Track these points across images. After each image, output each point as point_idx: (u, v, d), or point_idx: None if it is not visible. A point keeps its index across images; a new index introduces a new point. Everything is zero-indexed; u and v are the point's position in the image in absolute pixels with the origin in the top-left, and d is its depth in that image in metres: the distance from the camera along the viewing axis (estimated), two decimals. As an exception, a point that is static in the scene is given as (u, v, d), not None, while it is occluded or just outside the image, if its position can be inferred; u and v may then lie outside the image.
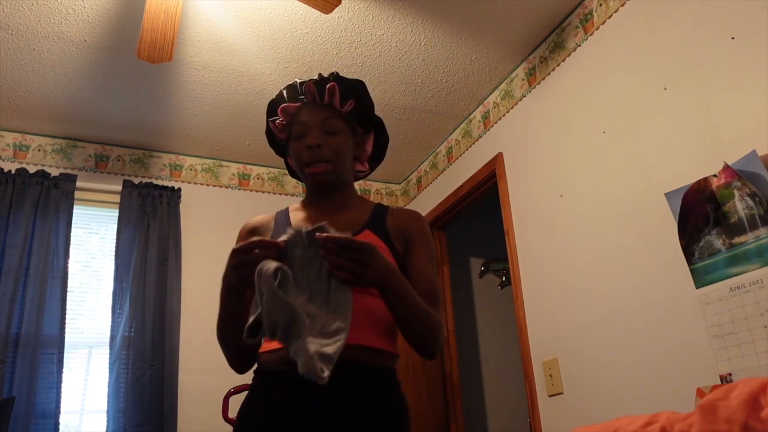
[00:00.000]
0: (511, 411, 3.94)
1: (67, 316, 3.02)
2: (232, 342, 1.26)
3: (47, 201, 3.16)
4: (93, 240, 3.43)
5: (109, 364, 3.01)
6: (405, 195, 4.19)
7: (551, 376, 2.59)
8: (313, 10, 2.50)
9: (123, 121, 3.35)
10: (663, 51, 2.24)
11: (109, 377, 2.99)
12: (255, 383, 1.28)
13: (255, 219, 1.44)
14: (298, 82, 1.43)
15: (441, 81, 3.15)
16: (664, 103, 2.20)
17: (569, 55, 2.73)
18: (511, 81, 3.12)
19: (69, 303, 3.06)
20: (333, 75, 1.40)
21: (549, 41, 2.86)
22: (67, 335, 2.99)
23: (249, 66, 2.96)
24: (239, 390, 2.66)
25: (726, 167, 1.89)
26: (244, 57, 2.89)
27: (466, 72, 3.09)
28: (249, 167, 3.86)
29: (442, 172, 3.73)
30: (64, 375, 2.91)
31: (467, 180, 3.42)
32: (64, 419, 2.86)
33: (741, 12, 1.95)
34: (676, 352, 2.03)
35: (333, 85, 1.37)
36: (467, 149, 3.47)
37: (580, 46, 2.67)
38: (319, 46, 2.85)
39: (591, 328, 2.42)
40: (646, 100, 2.28)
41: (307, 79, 1.41)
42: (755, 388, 0.61)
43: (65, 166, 3.39)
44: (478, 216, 4.03)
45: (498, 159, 3.15)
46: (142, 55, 2.47)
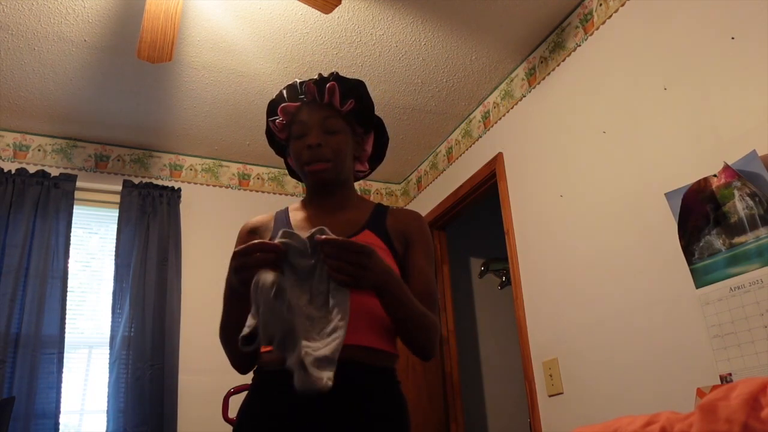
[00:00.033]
0: (511, 411, 3.94)
1: (67, 316, 3.02)
2: (234, 343, 1.26)
3: (47, 201, 3.16)
4: (93, 240, 3.43)
5: (109, 364, 3.01)
6: (405, 195, 4.19)
7: (551, 376, 2.59)
8: (313, 10, 2.50)
9: (123, 121, 3.35)
10: (663, 51, 2.24)
11: (109, 377, 2.99)
12: (255, 383, 1.28)
13: (255, 219, 1.44)
14: (298, 81, 1.42)
15: (441, 81, 3.15)
16: (664, 103, 2.20)
17: (569, 55, 2.73)
18: (511, 81, 3.12)
19: (69, 303, 3.06)
20: (333, 75, 1.40)
21: (549, 41, 2.86)
22: (67, 335, 2.99)
23: (249, 66, 2.96)
24: (239, 390, 2.66)
25: (726, 167, 1.89)
26: (244, 57, 2.89)
27: (466, 72, 3.09)
28: (249, 167, 3.86)
29: (442, 172, 3.73)
30: (64, 375, 2.91)
31: (467, 180, 3.42)
32: (64, 419, 2.86)
33: (741, 12, 1.95)
34: (676, 352, 2.03)
35: (333, 85, 1.37)
36: (467, 149, 3.47)
37: (580, 46, 2.67)
38: (319, 46, 2.85)
39: (591, 328, 2.43)
40: (646, 100, 2.28)
41: (307, 79, 1.41)
42: (755, 388, 0.61)
43: (65, 166, 3.39)
44: (478, 216, 4.03)
45: (498, 159, 3.15)
46: (142, 55, 2.47)
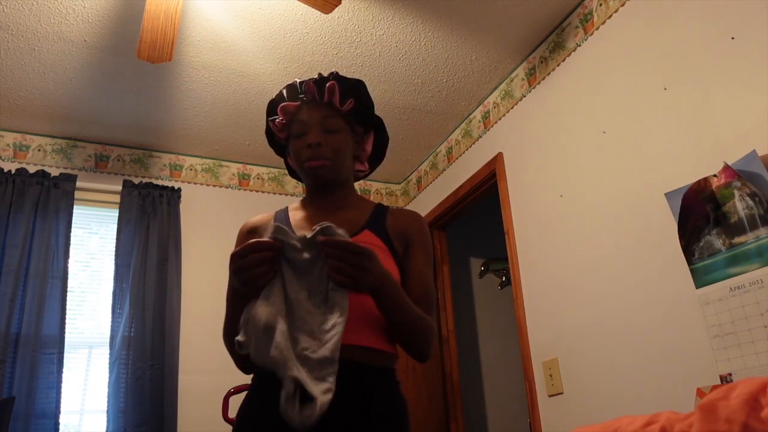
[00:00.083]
0: (511, 411, 3.94)
1: (67, 316, 3.02)
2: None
3: (47, 201, 3.16)
4: (93, 240, 3.43)
5: (109, 364, 3.01)
6: (405, 195, 4.19)
7: (551, 376, 2.59)
8: (313, 10, 2.50)
9: (123, 121, 3.35)
10: (663, 51, 2.24)
11: (109, 377, 2.99)
12: (255, 383, 1.28)
13: (254, 219, 1.44)
14: (297, 81, 1.42)
15: (441, 81, 3.15)
16: (664, 103, 2.20)
17: (569, 55, 2.73)
18: (511, 81, 3.12)
19: (69, 303, 3.06)
20: (333, 74, 1.40)
21: (549, 41, 2.86)
22: (67, 335, 2.99)
23: (249, 66, 2.96)
24: (239, 390, 2.66)
25: (726, 167, 1.89)
26: (244, 57, 2.89)
27: (466, 72, 3.09)
28: (249, 167, 3.86)
29: (442, 172, 3.73)
30: (64, 375, 2.91)
31: (467, 180, 3.42)
32: (64, 419, 2.86)
33: (741, 12, 1.95)
34: (676, 352, 2.03)
35: (333, 84, 1.37)
36: (467, 149, 3.47)
37: (580, 46, 2.67)
38: (319, 46, 2.85)
39: (591, 328, 2.42)
40: (646, 100, 2.28)
41: (307, 79, 1.41)
42: (755, 388, 0.61)
43: (65, 166, 3.39)
44: (478, 216, 4.03)
45: (498, 159, 3.15)
46: (142, 55, 2.47)
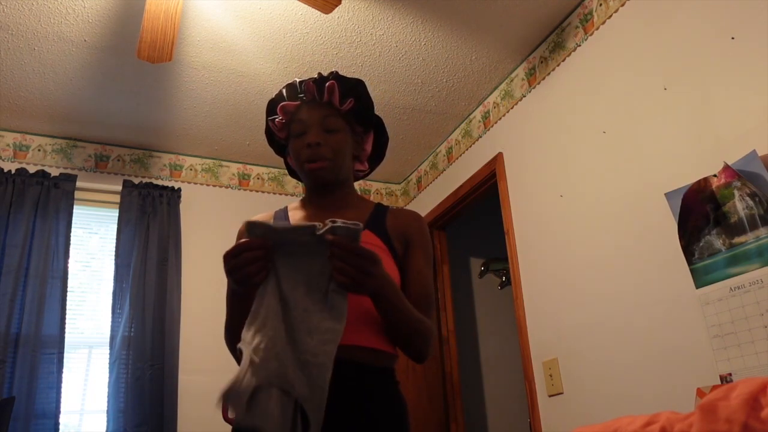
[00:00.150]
0: (511, 411, 3.94)
1: (67, 316, 3.02)
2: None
3: (47, 201, 3.16)
4: (93, 240, 3.43)
5: (109, 364, 3.01)
6: (405, 195, 4.19)
7: (551, 376, 2.59)
8: (313, 10, 2.50)
9: (123, 121, 3.35)
10: (663, 51, 2.24)
11: (109, 377, 2.99)
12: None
13: (254, 219, 1.43)
14: (297, 81, 1.42)
15: (441, 81, 3.15)
16: (664, 103, 2.20)
17: (569, 55, 2.73)
18: (511, 81, 3.12)
19: (69, 303, 3.06)
20: (333, 74, 1.40)
21: (549, 41, 2.86)
22: (67, 335, 2.99)
23: (249, 66, 2.96)
24: (239, 390, 2.66)
25: (726, 167, 1.89)
26: (244, 57, 2.89)
27: (466, 72, 3.09)
28: (249, 167, 3.86)
29: (442, 172, 3.73)
30: (64, 375, 2.91)
31: (467, 180, 3.42)
32: (64, 419, 2.85)
33: (741, 12, 1.95)
34: (676, 352, 2.03)
35: (332, 84, 1.37)
36: (467, 149, 3.47)
37: (580, 46, 2.67)
38: (319, 46, 2.85)
39: (591, 328, 2.42)
40: (646, 100, 2.28)
41: (307, 78, 1.41)
42: (755, 388, 0.61)
43: (65, 166, 3.39)
44: (478, 216, 4.03)
45: (498, 159, 3.15)
46: (142, 55, 2.47)
